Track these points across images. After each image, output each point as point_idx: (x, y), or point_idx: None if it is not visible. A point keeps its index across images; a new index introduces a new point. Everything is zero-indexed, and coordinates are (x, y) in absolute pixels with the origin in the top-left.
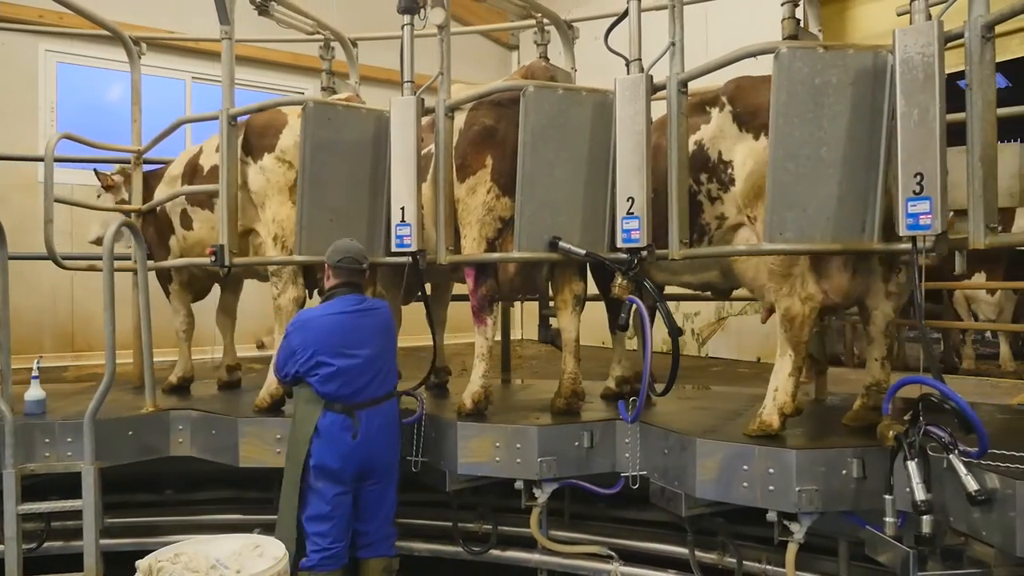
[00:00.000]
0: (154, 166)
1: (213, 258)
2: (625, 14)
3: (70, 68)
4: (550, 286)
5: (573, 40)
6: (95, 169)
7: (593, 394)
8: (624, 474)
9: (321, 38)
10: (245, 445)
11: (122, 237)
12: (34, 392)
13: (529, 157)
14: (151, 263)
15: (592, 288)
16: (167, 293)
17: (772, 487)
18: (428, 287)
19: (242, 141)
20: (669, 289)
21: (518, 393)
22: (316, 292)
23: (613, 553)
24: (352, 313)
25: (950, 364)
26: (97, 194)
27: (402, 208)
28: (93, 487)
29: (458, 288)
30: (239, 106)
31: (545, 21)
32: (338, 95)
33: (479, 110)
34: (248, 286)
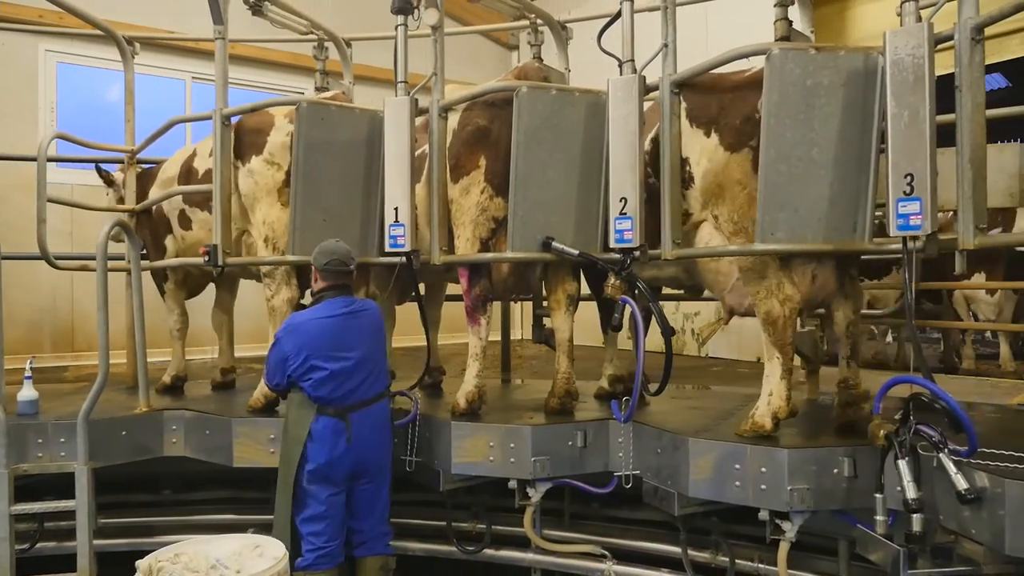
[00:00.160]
0: (151, 166)
1: (207, 258)
2: (618, 15)
3: (70, 68)
4: (543, 286)
5: (567, 41)
6: (97, 166)
7: (588, 393)
8: (617, 473)
9: (315, 38)
10: (239, 445)
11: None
12: (27, 392)
13: (522, 157)
14: (145, 263)
15: (586, 288)
16: (162, 292)
17: (764, 486)
18: (422, 287)
19: (233, 143)
20: (664, 290)
21: (513, 393)
22: (309, 292)
23: (607, 552)
24: (342, 316)
25: (950, 364)
26: (107, 192)
27: (396, 208)
28: (86, 487)
29: (455, 289)
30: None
31: (539, 22)
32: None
33: (473, 111)
34: (248, 286)
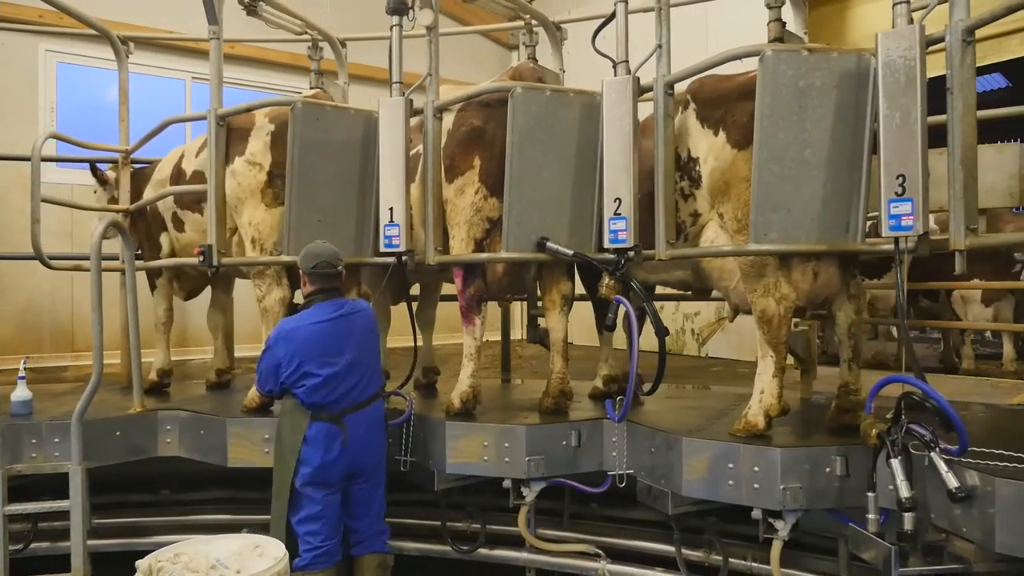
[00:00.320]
0: (144, 166)
1: (201, 258)
2: (612, 16)
3: (70, 68)
4: (538, 286)
5: (562, 41)
6: (92, 164)
7: (583, 393)
8: (611, 473)
9: (309, 38)
10: (233, 445)
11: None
12: (20, 392)
13: (517, 158)
14: (139, 263)
15: (581, 288)
16: (152, 287)
17: (757, 485)
18: (417, 287)
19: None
20: (664, 290)
21: (508, 392)
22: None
23: (600, 551)
24: (333, 320)
25: (950, 364)
26: (94, 190)
27: (391, 208)
28: (80, 487)
29: (450, 289)
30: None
31: (534, 23)
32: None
33: (467, 111)
34: (248, 287)
